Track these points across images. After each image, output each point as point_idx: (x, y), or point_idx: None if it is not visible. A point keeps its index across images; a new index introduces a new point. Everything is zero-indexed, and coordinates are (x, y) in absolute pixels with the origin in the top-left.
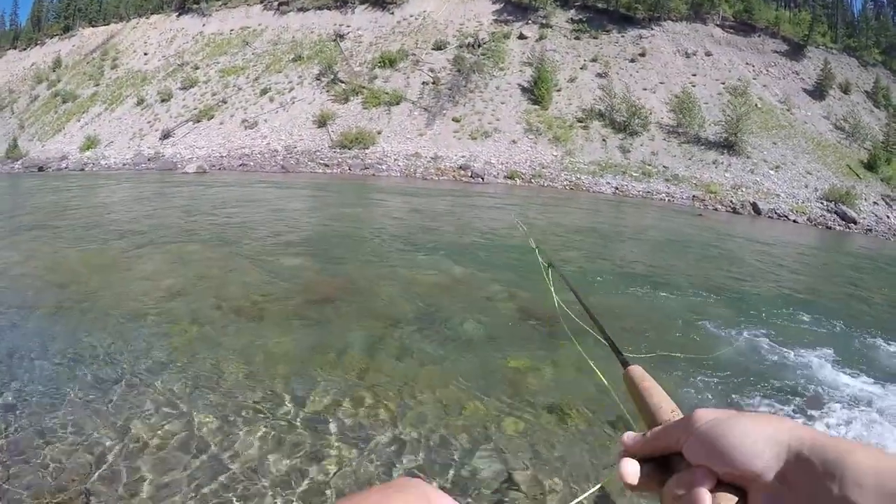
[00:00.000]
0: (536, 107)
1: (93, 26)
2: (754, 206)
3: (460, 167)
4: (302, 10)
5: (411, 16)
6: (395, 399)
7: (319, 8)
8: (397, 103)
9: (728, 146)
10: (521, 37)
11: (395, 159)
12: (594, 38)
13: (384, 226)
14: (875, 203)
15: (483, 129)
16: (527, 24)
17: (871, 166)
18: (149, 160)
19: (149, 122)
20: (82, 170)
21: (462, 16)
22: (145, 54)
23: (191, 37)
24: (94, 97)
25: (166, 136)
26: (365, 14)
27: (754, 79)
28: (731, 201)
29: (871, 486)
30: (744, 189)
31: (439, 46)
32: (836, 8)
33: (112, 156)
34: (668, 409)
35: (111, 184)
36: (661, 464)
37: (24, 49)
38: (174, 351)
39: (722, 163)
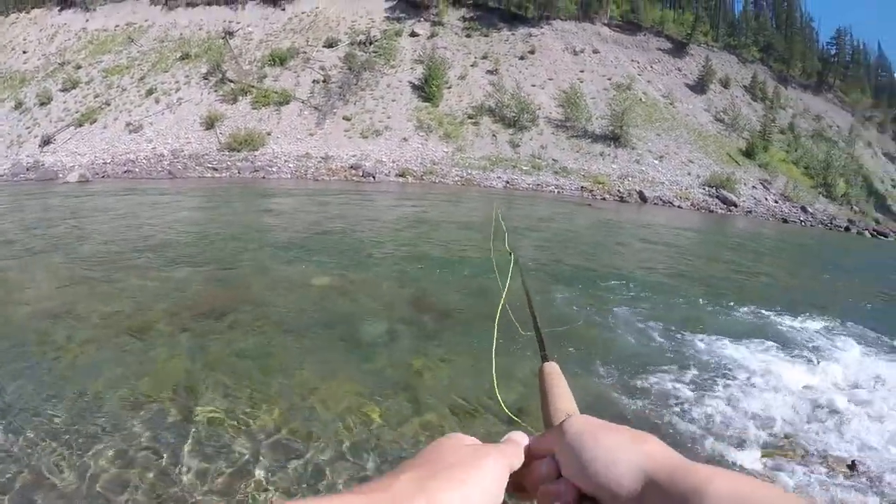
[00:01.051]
0: (427, 104)
1: None
2: (640, 194)
3: (351, 167)
4: (191, 5)
5: (303, 13)
6: (293, 408)
7: (209, 3)
8: (287, 103)
9: (614, 139)
10: (413, 34)
11: (286, 160)
12: (485, 35)
13: (275, 231)
14: (754, 187)
15: (374, 127)
16: (419, 21)
17: (749, 154)
18: (28, 170)
19: (27, 127)
20: None
21: (354, 13)
22: (24, 52)
23: (73, 33)
24: None
25: (46, 142)
26: (255, 10)
27: (639, 75)
28: (618, 191)
29: None
30: (630, 179)
31: (331, 44)
32: (718, 9)
33: None
34: (564, 411)
35: None
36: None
37: None
38: (56, 378)
39: (609, 154)
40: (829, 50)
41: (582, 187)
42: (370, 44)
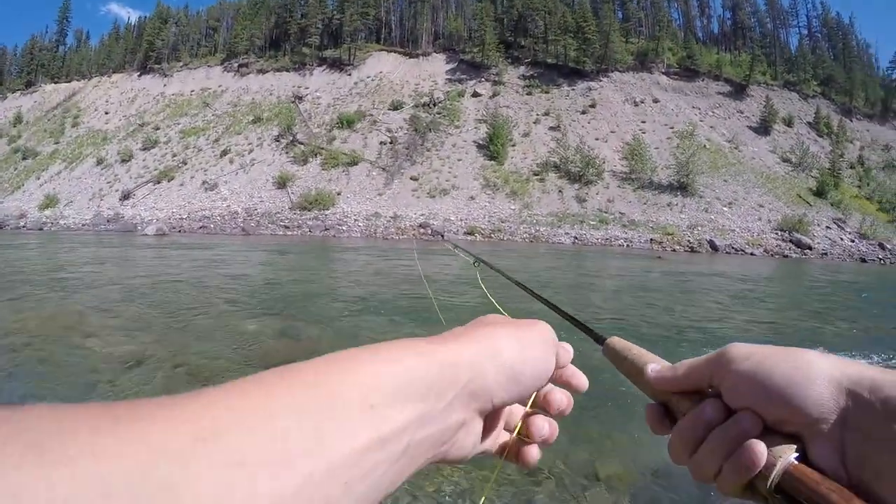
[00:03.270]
0: (492, 162)
1: (55, 83)
2: (711, 243)
3: (420, 225)
4: (261, 71)
5: (368, 77)
6: None
7: (278, 70)
8: (356, 164)
9: (681, 188)
10: (475, 94)
11: (355, 220)
12: (546, 92)
13: (347, 288)
14: (827, 227)
15: (441, 186)
16: (480, 82)
17: (820, 193)
18: (108, 221)
19: (109, 182)
20: (41, 229)
21: (417, 76)
22: (106, 113)
23: (152, 97)
24: (54, 155)
25: (126, 196)
26: (323, 76)
27: (701, 121)
28: (688, 241)
29: None
30: (699, 228)
31: (396, 106)
32: (774, 46)
33: (71, 216)
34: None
35: (71, 245)
36: (670, 406)
37: None
38: None
39: (676, 205)
40: (890, 74)
41: (651, 240)
42: (434, 105)
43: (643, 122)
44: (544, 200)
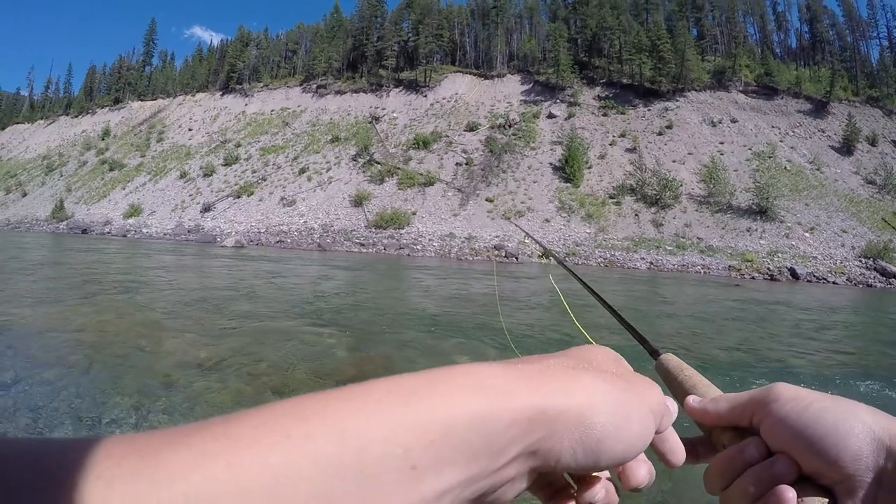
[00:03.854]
0: (568, 184)
1: (141, 100)
2: (792, 271)
3: (495, 247)
4: (339, 92)
5: (444, 98)
6: None
7: (356, 91)
8: (431, 184)
9: (760, 212)
10: (551, 116)
11: (430, 239)
12: (621, 113)
13: (421, 306)
14: None
15: (516, 208)
16: (555, 103)
17: None
18: (189, 231)
19: (191, 194)
20: (124, 236)
21: (492, 97)
22: (190, 130)
23: (233, 115)
24: (139, 167)
25: (207, 209)
26: (399, 97)
27: (781, 141)
28: (767, 268)
29: None
30: (780, 255)
31: (471, 128)
32: (855, 60)
33: (154, 224)
34: (713, 392)
35: (153, 252)
36: (712, 437)
37: (76, 116)
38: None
39: (756, 230)
40: None
41: (730, 266)
42: (509, 126)
43: (721, 142)
44: (620, 224)
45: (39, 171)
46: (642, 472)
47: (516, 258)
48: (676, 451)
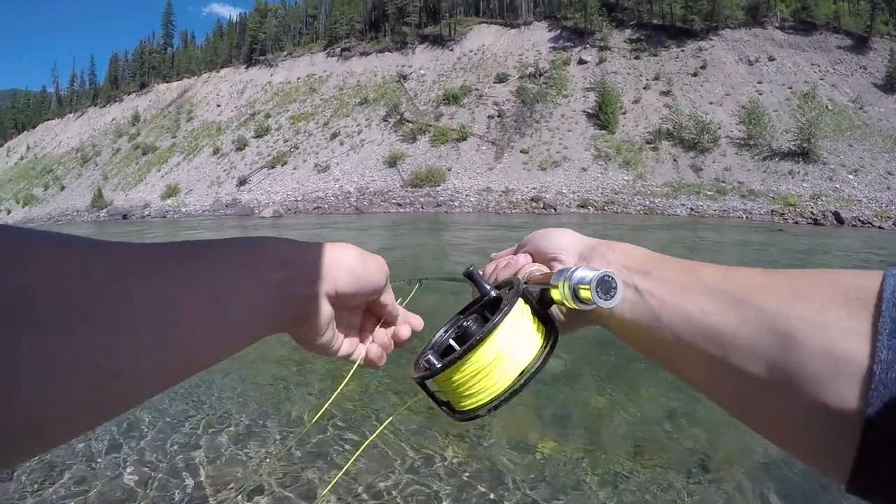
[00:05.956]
0: (603, 132)
1: (167, 82)
2: (836, 215)
3: (532, 199)
4: (364, 54)
5: (470, 51)
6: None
7: (380, 51)
8: (465, 139)
9: (803, 154)
10: (581, 62)
11: (467, 195)
12: (654, 55)
13: (467, 261)
14: None
15: (552, 158)
16: (585, 48)
17: None
18: (227, 206)
19: (225, 170)
20: (164, 217)
21: (520, 46)
22: (218, 106)
23: (260, 87)
24: (172, 148)
25: (242, 182)
26: (425, 53)
27: (821, 79)
28: (811, 212)
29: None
30: (823, 198)
31: (501, 79)
32: None
33: (192, 203)
34: None
35: (194, 229)
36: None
37: (104, 106)
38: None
39: (798, 172)
40: None
41: (772, 211)
42: (539, 75)
43: (759, 82)
44: (658, 170)
45: (75, 164)
46: (402, 328)
47: (555, 209)
48: (412, 318)
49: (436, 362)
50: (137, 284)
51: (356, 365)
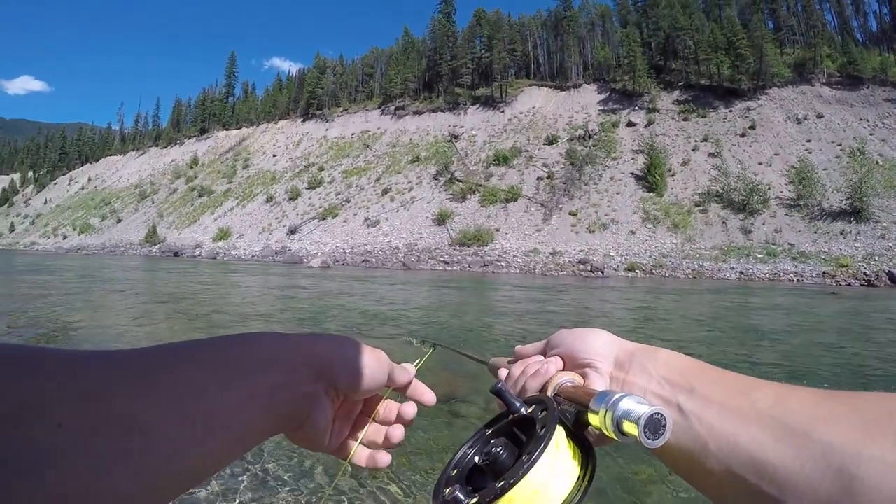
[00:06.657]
0: (652, 194)
1: (226, 129)
2: (890, 275)
3: (579, 261)
4: (417, 113)
5: (521, 113)
6: None
7: (433, 111)
8: (514, 199)
9: (854, 213)
10: (630, 124)
11: (514, 255)
12: (702, 116)
13: (508, 325)
14: None
15: (600, 220)
16: (634, 110)
17: None
18: (276, 253)
19: (277, 217)
20: (214, 258)
21: (570, 108)
22: (274, 156)
23: (315, 140)
24: (227, 193)
25: (293, 231)
26: (477, 114)
27: (871, 134)
28: (864, 273)
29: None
30: (876, 258)
31: (551, 141)
32: None
33: (242, 247)
34: None
35: (240, 272)
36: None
37: (165, 147)
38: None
39: (850, 232)
40: None
41: (823, 273)
42: (589, 137)
43: (808, 140)
44: (707, 233)
45: (132, 199)
46: (407, 407)
47: (602, 272)
48: (424, 393)
49: (462, 498)
50: (104, 412)
51: (345, 465)
